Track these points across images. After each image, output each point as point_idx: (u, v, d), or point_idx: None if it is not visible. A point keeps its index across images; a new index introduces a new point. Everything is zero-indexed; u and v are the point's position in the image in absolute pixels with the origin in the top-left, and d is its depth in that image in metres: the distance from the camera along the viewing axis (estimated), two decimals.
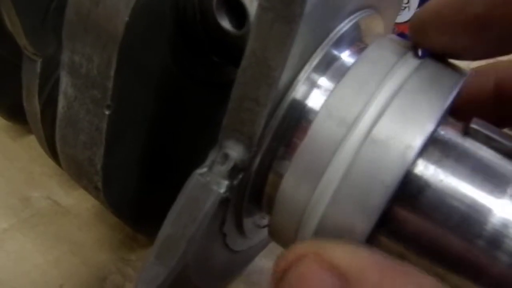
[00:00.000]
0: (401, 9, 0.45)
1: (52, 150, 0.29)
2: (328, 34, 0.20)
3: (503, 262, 0.16)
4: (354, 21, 0.21)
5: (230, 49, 0.24)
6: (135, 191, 0.27)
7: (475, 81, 0.21)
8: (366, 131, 0.17)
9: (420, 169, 0.17)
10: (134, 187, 0.27)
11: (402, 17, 0.47)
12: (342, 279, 0.15)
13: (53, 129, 0.25)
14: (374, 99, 0.18)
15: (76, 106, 0.23)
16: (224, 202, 0.19)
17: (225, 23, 0.23)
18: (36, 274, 0.32)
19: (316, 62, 0.19)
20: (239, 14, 0.23)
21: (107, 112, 0.22)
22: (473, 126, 0.18)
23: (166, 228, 0.19)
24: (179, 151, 0.28)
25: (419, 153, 0.17)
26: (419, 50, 0.20)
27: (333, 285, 0.15)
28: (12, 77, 0.29)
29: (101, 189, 0.25)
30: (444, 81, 0.18)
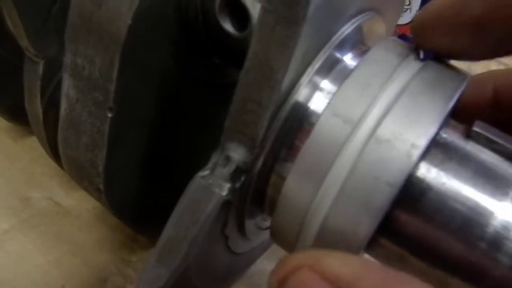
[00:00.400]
0: (402, 11, 0.45)
1: (54, 151, 0.29)
2: (331, 37, 0.20)
3: (505, 265, 0.16)
4: (356, 23, 0.21)
5: (232, 51, 0.24)
6: (136, 192, 0.27)
7: (474, 88, 0.21)
8: (370, 132, 0.17)
9: (423, 171, 0.17)
10: (135, 189, 0.27)
11: (404, 19, 0.47)
12: None
13: (55, 130, 0.25)
14: (377, 101, 0.18)
15: (78, 108, 0.23)
16: (226, 204, 0.19)
17: (227, 26, 0.24)
18: (37, 274, 0.32)
19: (318, 64, 0.19)
20: (241, 16, 0.23)
21: (109, 115, 0.22)
22: (475, 128, 0.18)
23: (168, 230, 0.19)
24: (181, 153, 0.28)
25: (423, 154, 0.17)
26: (421, 52, 0.20)
27: None
28: (13, 78, 0.29)
29: (103, 191, 0.25)
30: (447, 83, 0.18)
